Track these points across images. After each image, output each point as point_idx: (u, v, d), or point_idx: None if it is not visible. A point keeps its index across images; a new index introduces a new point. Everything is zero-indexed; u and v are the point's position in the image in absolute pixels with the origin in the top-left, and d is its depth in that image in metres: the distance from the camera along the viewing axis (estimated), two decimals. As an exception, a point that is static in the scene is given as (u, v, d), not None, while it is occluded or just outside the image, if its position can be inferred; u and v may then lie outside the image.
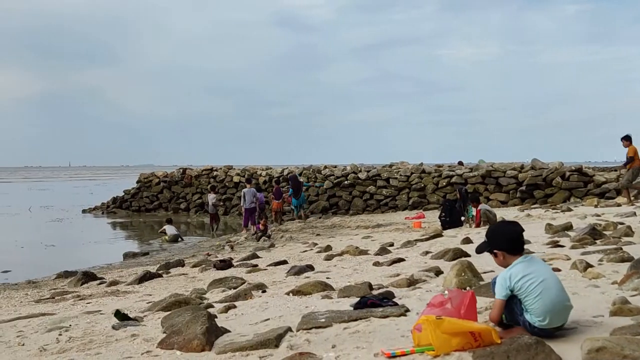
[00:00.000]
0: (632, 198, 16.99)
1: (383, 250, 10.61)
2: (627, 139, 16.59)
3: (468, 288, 5.65)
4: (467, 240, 10.54)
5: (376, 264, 9.02)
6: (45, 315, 7.35)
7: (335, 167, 28.43)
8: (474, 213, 14.20)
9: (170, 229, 20.52)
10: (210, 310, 5.90)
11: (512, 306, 3.94)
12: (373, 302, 5.21)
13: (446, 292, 4.31)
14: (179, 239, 20.14)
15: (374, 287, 6.53)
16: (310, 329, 4.70)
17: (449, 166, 26.67)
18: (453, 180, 24.53)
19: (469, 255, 8.13)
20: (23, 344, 5.53)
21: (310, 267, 9.23)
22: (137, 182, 32.64)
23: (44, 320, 6.90)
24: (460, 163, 26.95)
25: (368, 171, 26.77)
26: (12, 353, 5.22)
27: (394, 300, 5.49)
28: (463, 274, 6.06)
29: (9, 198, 49.40)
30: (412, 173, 25.89)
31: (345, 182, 26.75)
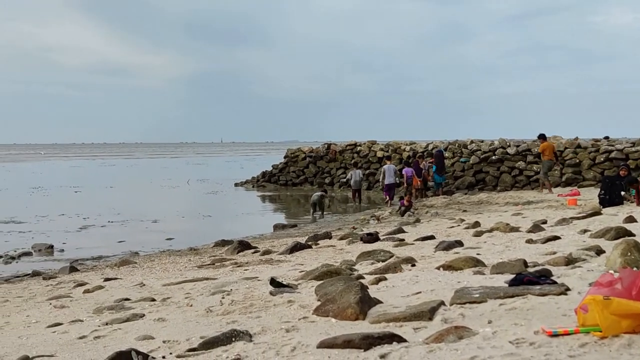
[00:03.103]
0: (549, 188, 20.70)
1: (536, 228, 10.18)
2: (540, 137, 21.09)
3: (635, 269, 5.28)
4: (630, 219, 9.82)
5: (529, 241, 8.68)
6: (208, 279, 7.92)
7: (482, 141, 27.56)
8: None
9: (313, 197, 21.24)
10: (361, 281, 6.00)
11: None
12: (530, 279, 5.03)
13: (611, 270, 4.06)
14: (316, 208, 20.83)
15: (528, 264, 6.30)
16: (464, 303, 4.64)
17: (607, 140, 24.88)
18: (612, 155, 22.88)
19: (633, 235, 7.58)
20: (191, 305, 5.99)
21: (459, 243, 9.08)
22: (285, 157, 33.77)
23: (208, 284, 7.43)
24: (606, 138, 25.14)
25: (517, 146, 25.68)
26: (182, 312, 5.68)
27: (551, 278, 5.27)
28: (629, 254, 5.66)
29: (169, 172, 53.44)
30: (565, 148, 24.46)
31: (493, 157, 25.87)
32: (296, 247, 10.90)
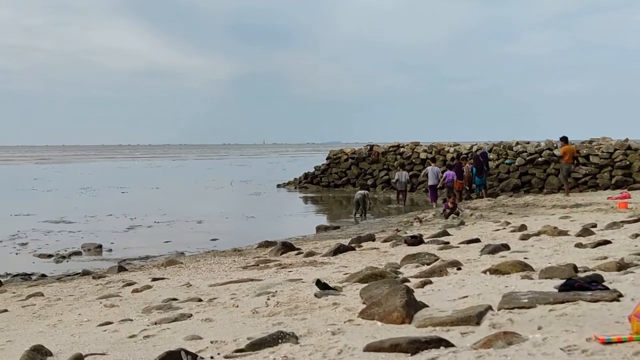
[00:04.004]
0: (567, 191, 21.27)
1: (585, 231, 9.95)
2: (562, 140, 21.58)
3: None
4: (684, 224, 9.50)
5: (578, 245, 8.49)
6: (253, 280, 7.99)
7: (528, 143, 27.11)
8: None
9: (357, 195, 21.23)
10: (407, 284, 5.96)
11: None
12: (580, 284, 4.92)
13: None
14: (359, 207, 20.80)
15: (578, 269, 6.17)
16: (513, 308, 4.56)
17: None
18: (664, 157, 22.19)
19: (688, 240, 7.34)
20: (237, 306, 6.06)
21: (505, 246, 8.94)
22: (327, 158, 33.84)
23: (253, 285, 7.51)
24: None
25: (565, 147, 25.15)
26: (229, 313, 5.75)
27: (603, 284, 5.14)
28: (685, 260, 5.49)
29: (213, 173, 54.17)
30: (615, 149, 23.85)
31: (539, 159, 25.40)
32: (339, 249, 10.90)
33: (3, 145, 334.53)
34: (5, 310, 7.79)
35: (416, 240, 11.11)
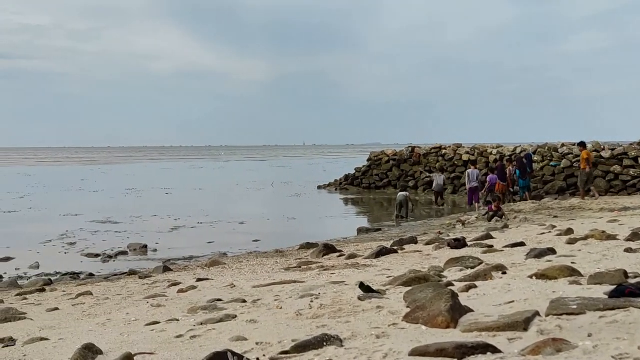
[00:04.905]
0: (592, 196, 20.84)
1: (635, 236, 9.68)
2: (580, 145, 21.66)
3: None
4: None
5: (628, 250, 8.27)
6: (296, 282, 8.03)
7: (574, 145, 26.50)
8: None
9: (399, 196, 21.21)
10: (451, 288, 5.91)
11: None
12: (632, 291, 4.79)
13: None
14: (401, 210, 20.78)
15: (629, 275, 6.01)
16: (561, 315, 4.48)
17: None
18: None
19: None
20: (281, 308, 6.11)
21: (551, 251, 8.77)
22: (368, 160, 33.79)
23: (296, 287, 7.55)
24: None
25: (612, 149, 24.57)
26: (273, 315, 5.80)
27: (655, 290, 5.00)
28: None
29: (254, 174, 54.63)
30: (665, 151, 23.16)
31: (586, 161, 24.84)
32: (382, 252, 10.84)
33: (51, 147, 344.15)
34: (57, 309, 8.02)
35: (459, 243, 10.98)
